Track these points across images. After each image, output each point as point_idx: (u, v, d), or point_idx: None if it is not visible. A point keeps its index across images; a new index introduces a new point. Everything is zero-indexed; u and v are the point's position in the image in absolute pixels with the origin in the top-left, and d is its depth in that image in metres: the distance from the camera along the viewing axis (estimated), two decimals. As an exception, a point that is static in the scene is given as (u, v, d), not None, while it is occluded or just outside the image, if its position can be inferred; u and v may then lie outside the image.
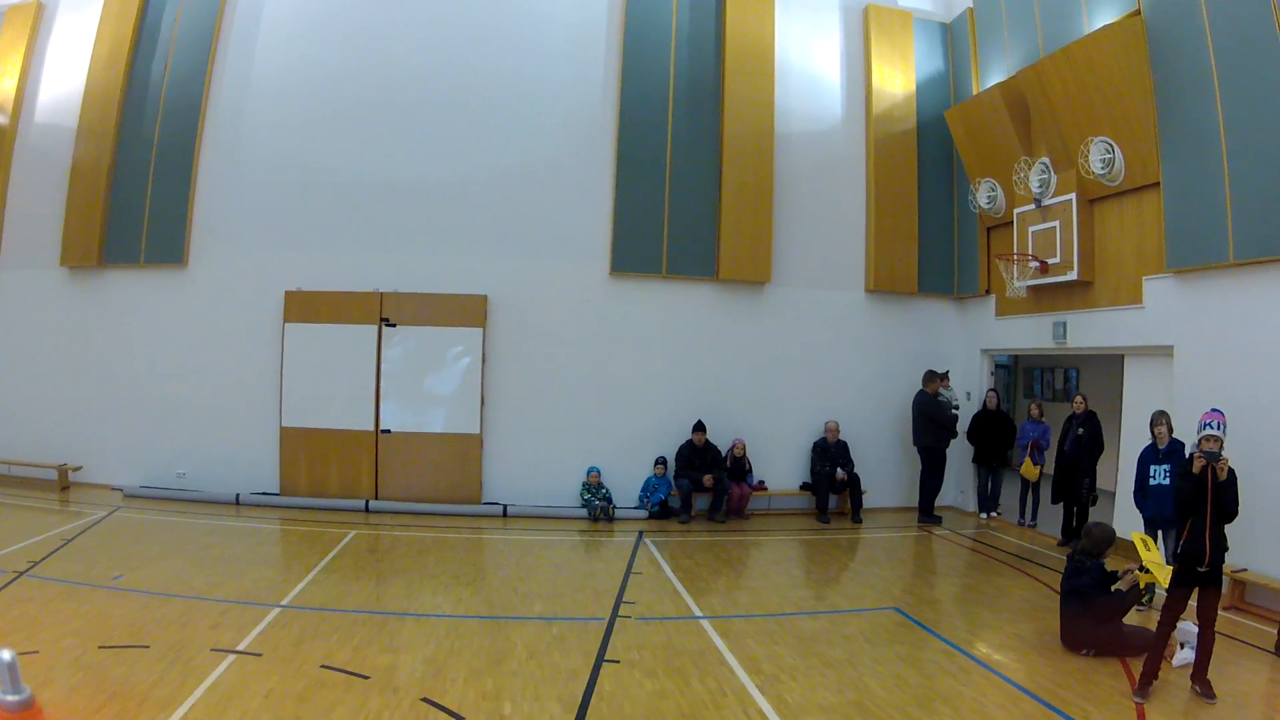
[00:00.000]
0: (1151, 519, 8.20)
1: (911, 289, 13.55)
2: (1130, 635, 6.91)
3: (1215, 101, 8.38)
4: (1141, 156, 9.44)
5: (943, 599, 8.70)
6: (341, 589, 8.05)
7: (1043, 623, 7.74)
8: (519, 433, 12.18)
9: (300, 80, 12.38)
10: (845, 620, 7.75)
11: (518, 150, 12.36)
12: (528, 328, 12.31)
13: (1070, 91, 10.12)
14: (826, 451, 12.77)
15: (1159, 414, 8.24)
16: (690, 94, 12.75)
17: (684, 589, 8.58)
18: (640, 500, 12.28)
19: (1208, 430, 5.98)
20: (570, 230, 12.44)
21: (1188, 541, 6.03)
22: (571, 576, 9.05)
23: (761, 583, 9.11)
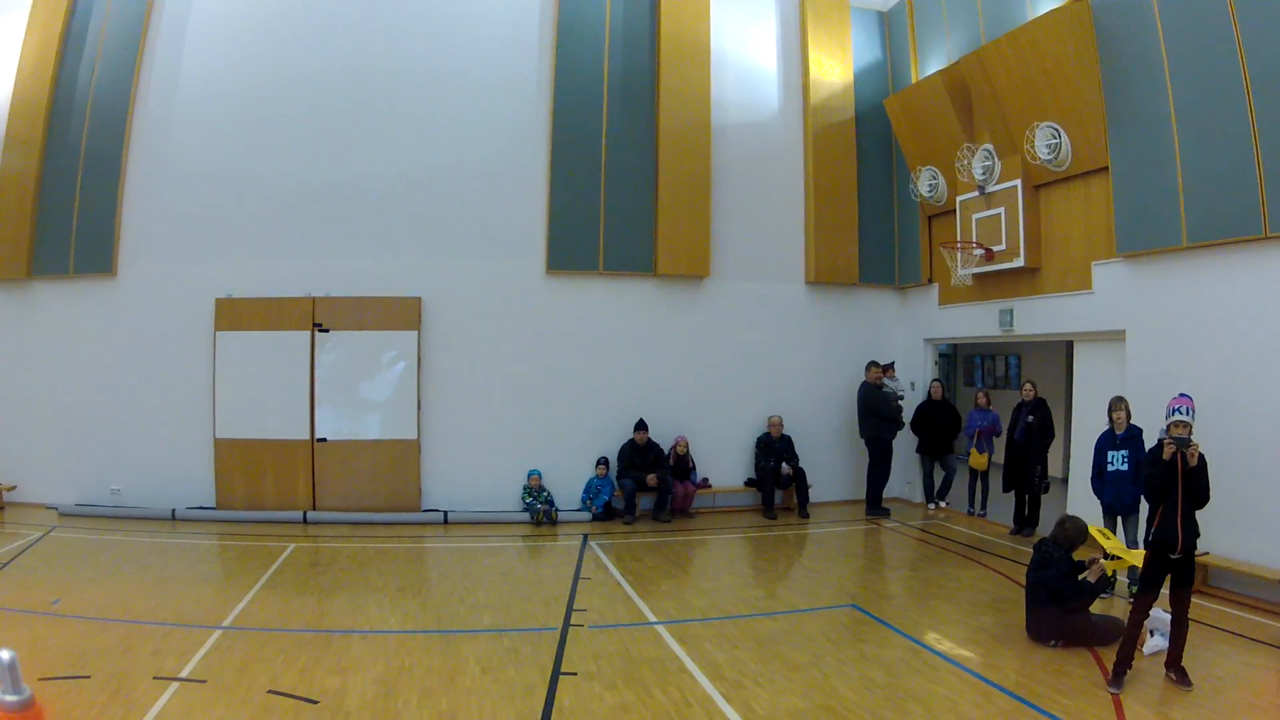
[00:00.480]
0: (1110, 505, 8.07)
1: (852, 279, 13.41)
2: (1098, 625, 6.77)
3: (1165, 84, 8.32)
4: (1089, 141, 9.36)
5: (900, 593, 8.46)
6: (284, 606, 7.57)
7: (1005, 614, 7.56)
8: (457, 437, 11.76)
9: (228, 85, 11.80)
10: (804, 620, 7.45)
11: (450, 150, 11.92)
12: (463, 329, 11.88)
13: (1015, 77, 10.01)
14: (770, 446, 12.50)
15: (1117, 399, 8.12)
16: (625, 88, 12.41)
17: (635, 593, 8.21)
18: (583, 502, 11.93)
19: (1177, 416, 5.81)
20: (505, 229, 12.04)
21: (1159, 529, 5.87)
22: (519, 584, 8.63)
23: (714, 584, 8.76)
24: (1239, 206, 7.64)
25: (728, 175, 12.84)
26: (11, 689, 3.83)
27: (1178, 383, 8.39)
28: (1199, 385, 8.13)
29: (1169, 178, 8.35)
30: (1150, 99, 8.53)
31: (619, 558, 9.72)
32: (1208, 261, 8.16)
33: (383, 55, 11.89)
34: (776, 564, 9.93)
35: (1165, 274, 8.69)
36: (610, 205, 12.27)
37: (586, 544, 10.37)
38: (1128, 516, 7.97)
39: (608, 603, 7.90)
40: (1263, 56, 7.34)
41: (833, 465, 13.24)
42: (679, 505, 12.06)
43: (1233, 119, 7.64)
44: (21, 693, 3.86)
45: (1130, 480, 7.88)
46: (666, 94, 12.40)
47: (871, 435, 12.47)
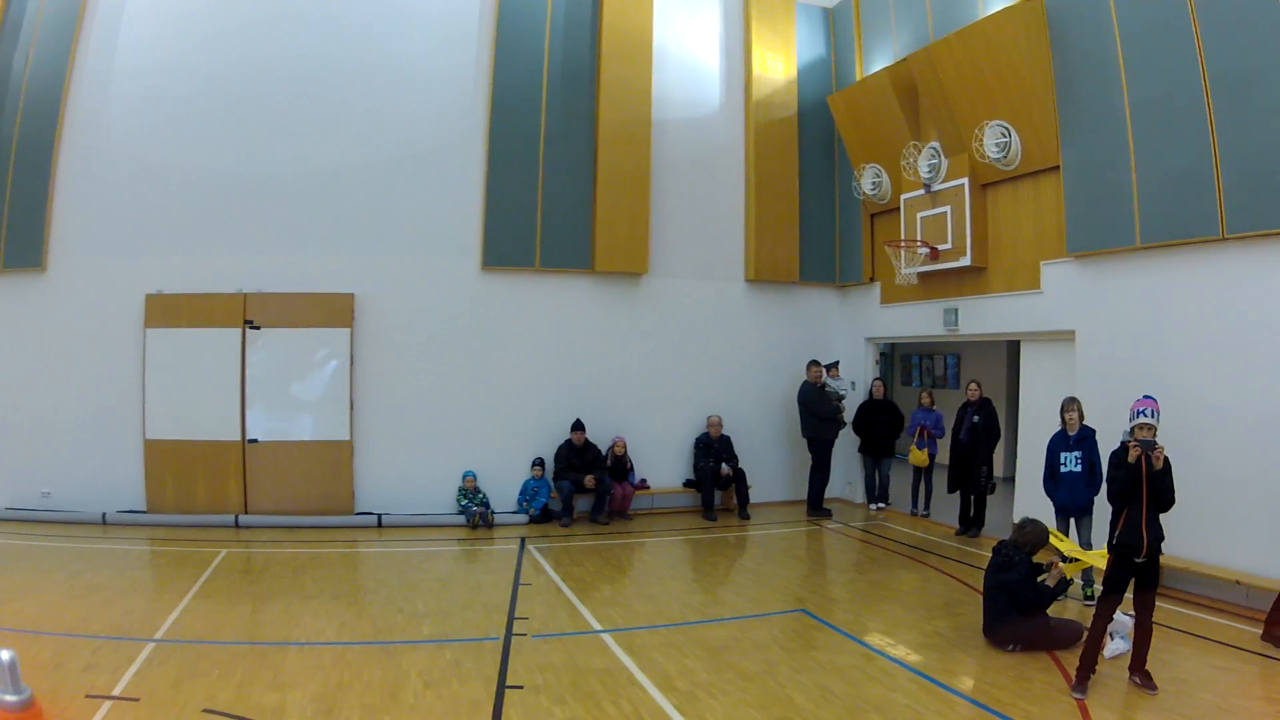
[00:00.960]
0: (1063, 507, 7.94)
1: (793, 278, 13.24)
2: (1058, 629, 6.63)
3: (1120, 83, 8.25)
4: (1040, 140, 9.29)
5: (849, 597, 8.21)
6: (218, 617, 7.03)
7: (959, 618, 7.40)
8: (391, 437, 11.22)
9: (162, 75, 11.00)
10: (753, 626, 7.14)
11: (385, 142, 11.36)
12: (397, 327, 11.35)
13: (965, 74, 9.90)
14: (709, 447, 12.22)
15: (1069, 400, 8.01)
16: (565, 81, 11.98)
17: (578, 600, 7.82)
18: (519, 504, 11.45)
19: (1141, 418, 5.71)
20: (440, 224, 11.53)
21: (1123, 533, 5.74)
22: (458, 591, 8.14)
23: (659, 589, 8.37)
24: (1196, 207, 7.60)
25: (668, 171, 12.53)
26: (11, 689, 3.84)
27: (1129, 383, 8.37)
28: (1151, 386, 8.01)
29: (1122, 178, 8.29)
30: (1104, 98, 8.47)
31: (558, 562, 9.30)
32: (1162, 262, 8.11)
33: (319, 45, 11.25)
34: (720, 567, 9.61)
35: (1117, 274, 8.64)
36: (548, 200, 11.85)
37: (524, 547, 9.93)
38: (1081, 518, 7.86)
39: (550, 610, 7.50)
40: (1222, 55, 7.30)
41: (772, 465, 13.04)
42: (617, 507, 11.69)
43: (1190, 119, 7.59)
44: (21, 693, 3.87)
45: (1084, 482, 7.78)
46: (607, 88, 12.03)
47: (812, 435, 12.28)
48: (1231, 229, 7.32)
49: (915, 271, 11.00)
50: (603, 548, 10.22)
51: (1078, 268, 9.10)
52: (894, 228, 11.90)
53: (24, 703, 3.93)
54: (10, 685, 3.90)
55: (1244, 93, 7.15)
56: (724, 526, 11.56)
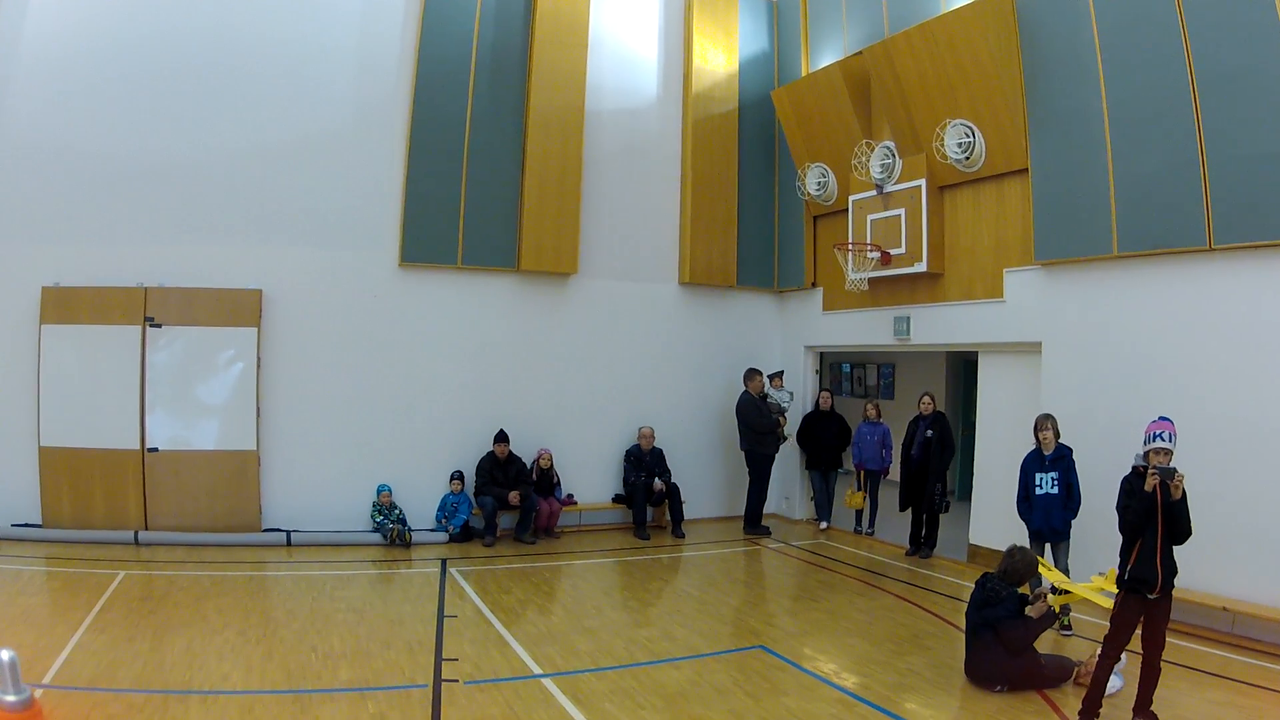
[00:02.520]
0: (1039, 531, 7.43)
1: (730, 282, 12.58)
2: (1048, 667, 6.05)
3: (1098, 83, 7.79)
4: (1006, 141, 8.81)
5: (808, 630, 7.49)
6: (112, 656, 6.01)
7: (931, 653, 6.80)
8: (300, 447, 10.11)
9: (60, 50, 9.60)
10: (710, 668, 6.35)
11: (299, 124, 10.20)
12: (308, 327, 10.24)
13: (926, 70, 9.36)
14: (641, 460, 11.43)
15: (1044, 417, 7.52)
16: (494, 65, 11.01)
17: (511, 636, 6.91)
18: (438, 521, 10.44)
19: (1158, 442, 5.18)
20: (356, 215, 10.45)
21: (1135, 566, 5.21)
22: (376, 625, 7.12)
23: (598, 622, 7.50)
24: (1180, 216, 7.18)
25: (600, 165, 11.71)
26: (12, 689, 3.81)
27: (1100, 399, 7.98)
28: (1126, 402, 7.75)
29: (1098, 183, 7.83)
30: (1079, 98, 8.01)
31: (484, 588, 8.37)
32: (1141, 273, 7.67)
33: (228, 17, 10.01)
34: (662, 595, 8.79)
35: (1089, 284, 8.19)
36: (472, 193, 10.87)
37: (446, 570, 8.98)
38: (1058, 543, 7.36)
39: (481, 649, 6.57)
40: (1212, 55, 6.89)
41: (706, 480, 12.34)
42: (543, 524, 10.77)
43: (1175, 122, 7.17)
44: (22, 693, 3.85)
45: (1061, 504, 7.30)
46: (539, 73, 11.11)
47: (750, 449, 11.62)
48: (1220, 240, 6.91)
49: (865, 276, 10.42)
50: (530, 571, 9.30)
51: (1045, 276, 8.64)
52: (840, 230, 11.35)
53: (24, 703, 3.89)
54: (10, 685, 3.86)
55: (1235, 95, 6.75)
56: (658, 546, 10.77)
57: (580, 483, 11.52)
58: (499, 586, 8.47)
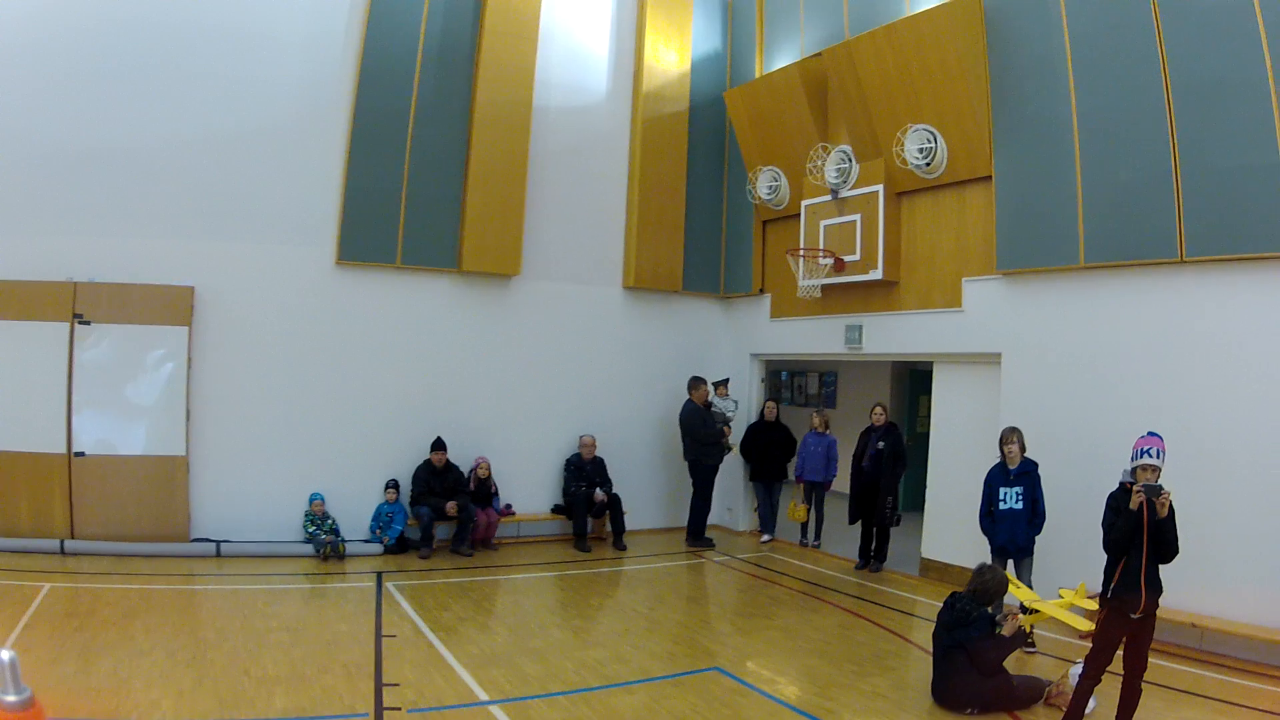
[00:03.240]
0: (1002, 547, 7.21)
1: (675, 286, 12.22)
2: (1020, 688, 5.83)
3: (1068, 91, 7.65)
4: (969, 148, 8.63)
5: (764, 649, 7.12)
6: (37, 679, 5.24)
7: (894, 673, 6.54)
8: (231, 453, 9.49)
9: None
10: (666, 692, 5.95)
11: (237, 114, 9.52)
12: (241, 326, 9.60)
13: (889, 74, 9.15)
14: (581, 469, 10.97)
15: (1009, 430, 7.33)
16: (441, 57, 10.46)
17: (453, 657, 6.40)
18: (372, 532, 9.83)
19: (1145, 459, 4.99)
20: (293, 210, 9.83)
21: (1119, 585, 5.03)
22: (312, 646, 6.54)
23: (544, 642, 7.01)
24: (1151, 227, 7.06)
25: (546, 163, 11.23)
26: (12, 689, 3.81)
27: (1062, 411, 7.81)
28: (1089, 416, 7.65)
29: (1066, 192, 7.69)
30: (1048, 106, 7.87)
31: (423, 604, 7.81)
32: (1108, 284, 7.54)
33: (167, 3, 9.29)
34: (608, 612, 8.33)
35: (1054, 295, 8.04)
36: (413, 189, 10.31)
37: (382, 585, 8.42)
38: (1022, 559, 7.16)
39: (423, 672, 6.05)
40: (1189, 63, 6.79)
41: (647, 490, 11.94)
42: (481, 536, 10.22)
43: (1149, 132, 7.04)
44: (22, 693, 3.85)
45: (1025, 520, 7.10)
46: (487, 66, 10.58)
47: (694, 459, 11.26)
48: (1192, 252, 6.81)
49: (818, 284, 10.17)
50: (470, 585, 8.77)
51: (1007, 286, 8.48)
52: (791, 236, 11.09)
53: (24, 703, 3.84)
54: (10, 685, 3.81)
55: (1212, 106, 6.66)
56: (599, 558, 10.32)
57: (518, 493, 11.01)
58: (437, 603, 7.92)
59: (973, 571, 6.13)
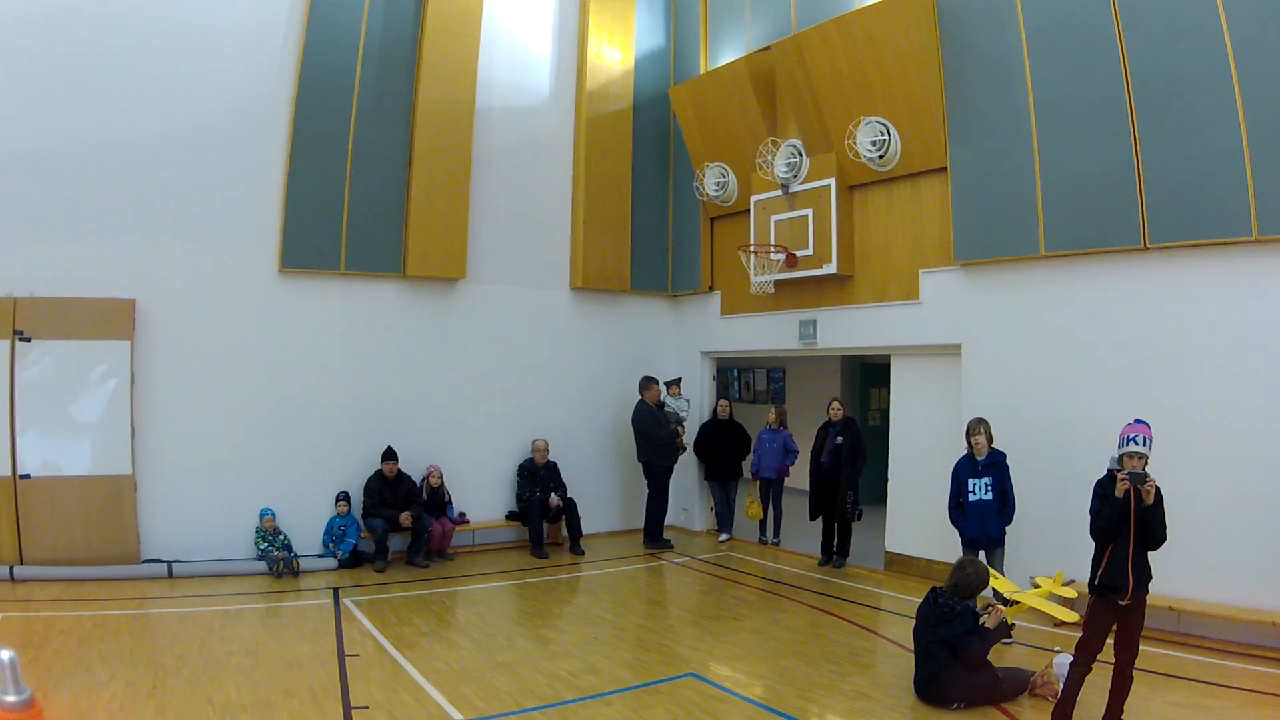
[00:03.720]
0: (973, 540, 7.19)
1: (624, 286, 12.04)
2: (1005, 681, 5.77)
3: (1024, 82, 7.67)
4: (924, 140, 8.63)
5: (738, 653, 6.95)
6: None
7: (872, 672, 6.47)
8: (178, 470, 9.13)
9: None
10: (644, 702, 5.73)
11: (172, 116, 9.05)
12: (183, 338, 9.19)
13: (840, 67, 9.11)
14: (535, 475, 10.71)
15: (976, 421, 7.31)
16: (383, 56, 10.11)
17: (420, 675, 6.08)
18: (325, 546, 9.46)
19: (1131, 446, 4.96)
20: (234, 217, 9.44)
21: (1106, 573, 5.01)
22: (273, 669, 6.17)
23: (512, 655, 6.72)
24: (1114, 215, 7.10)
25: (490, 165, 10.96)
26: (12, 689, 3.81)
27: (1025, 401, 7.82)
28: (1052, 405, 7.69)
29: (1024, 182, 7.72)
30: (1004, 97, 7.89)
31: (383, 620, 7.47)
32: (1070, 273, 7.58)
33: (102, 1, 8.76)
34: (572, 620, 8.05)
35: (1014, 285, 8.06)
36: (356, 193, 9.94)
37: (339, 601, 8.06)
38: (993, 551, 7.15)
39: (391, 692, 5.73)
40: (1148, 58, 6.83)
41: (602, 493, 11.75)
42: (436, 546, 9.88)
43: (1108, 121, 7.09)
44: (22, 692, 3.85)
45: (995, 511, 7.09)
46: (429, 66, 10.27)
47: (648, 460, 11.07)
48: (1155, 239, 6.87)
49: (771, 279, 10.08)
50: (429, 598, 8.44)
51: (965, 277, 8.49)
52: (739, 232, 11.02)
53: (24, 703, 3.88)
54: (11, 685, 3.83)
55: (1173, 96, 6.72)
56: (557, 565, 10.07)
57: (471, 500, 10.72)
58: (398, 617, 7.59)
59: (953, 566, 6.04)
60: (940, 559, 8.83)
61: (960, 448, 7.60)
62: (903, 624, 7.63)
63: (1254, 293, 6.50)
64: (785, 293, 10.45)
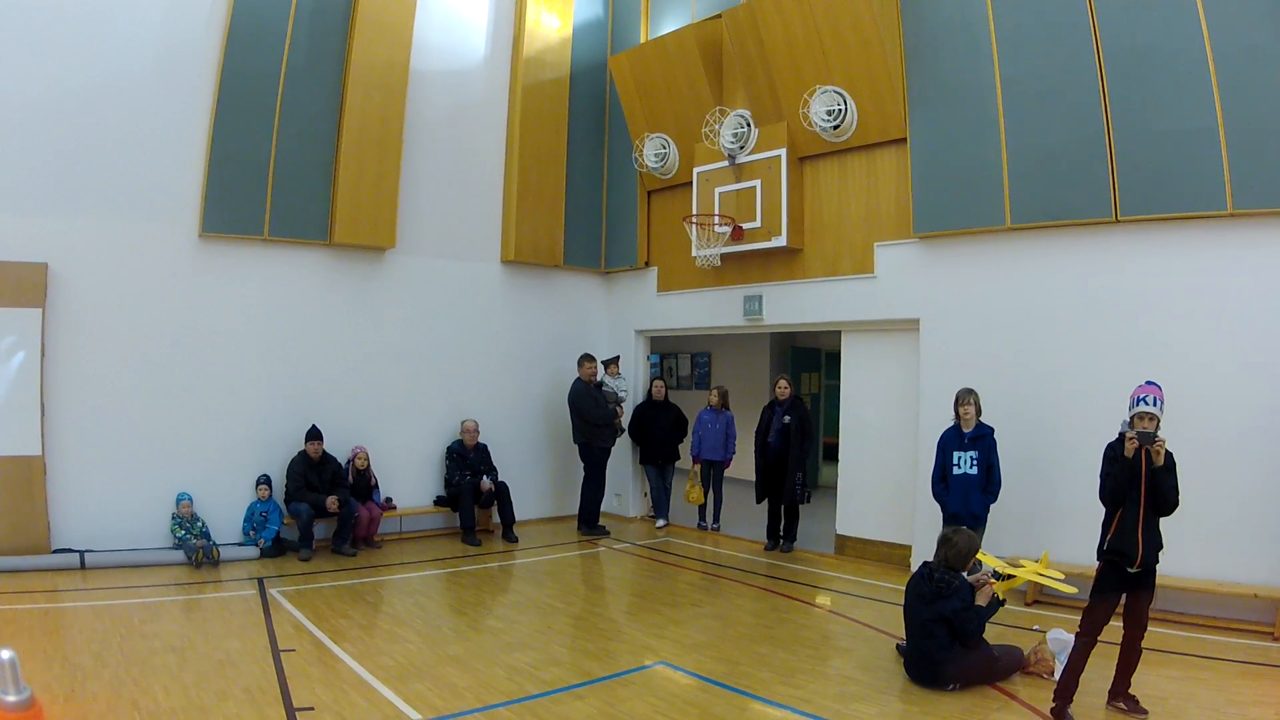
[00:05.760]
0: (956, 514, 6.97)
1: (556, 261, 11.49)
2: (1002, 658, 5.55)
3: (990, 54, 7.51)
4: (882, 110, 8.40)
5: (706, 639, 6.51)
6: None
7: (851, 654, 6.15)
8: (92, 451, 8.26)
9: None
10: (618, 694, 5.27)
11: (90, 71, 8.18)
12: (97, 307, 8.30)
13: (795, 36, 8.78)
14: (464, 458, 10.07)
15: (965, 392, 7.10)
16: (315, 11, 9.30)
17: (367, 673, 5.43)
18: (245, 533, 8.66)
19: (1142, 406, 4.76)
20: (152, 178, 8.57)
21: (1115, 538, 4.83)
22: (203, 668, 5.44)
23: (464, 648, 6.12)
24: (1084, 187, 7.00)
25: (422, 131, 10.30)
26: (12, 688, 3.76)
27: (988, 378, 7.64)
28: (1016, 381, 7.59)
29: (989, 154, 7.56)
30: (968, 68, 7.72)
31: (316, 612, 6.76)
32: (1037, 245, 7.45)
33: None
34: (521, 609, 7.44)
35: (977, 258, 7.90)
36: (282, 155, 9.14)
37: (265, 593, 7.31)
38: (975, 527, 6.93)
39: (338, 692, 5.08)
40: (1121, 28, 6.74)
41: (533, 477, 11.19)
42: (364, 533, 9.17)
43: (1078, 94, 6.98)
44: (22, 692, 3.79)
45: (978, 486, 6.91)
46: (363, 23, 9.48)
47: (584, 442, 10.55)
48: (1127, 211, 6.80)
49: (718, 253, 9.71)
50: (362, 588, 7.74)
51: (923, 250, 8.31)
52: (679, 205, 10.67)
53: (24, 702, 3.75)
54: (11, 685, 3.72)
55: (1145, 69, 6.66)
56: (490, 552, 9.47)
57: (399, 485, 10.03)
58: (331, 609, 6.87)
59: (938, 541, 5.77)
60: (896, 541, 8.70)
61: (921, 423, 7.41)
62: (868, 606, 7.43)
63: (1229, 267, 6.51)
64: (729, 268, 10.10)
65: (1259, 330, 6.44)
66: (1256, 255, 6.40)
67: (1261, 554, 6.38)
